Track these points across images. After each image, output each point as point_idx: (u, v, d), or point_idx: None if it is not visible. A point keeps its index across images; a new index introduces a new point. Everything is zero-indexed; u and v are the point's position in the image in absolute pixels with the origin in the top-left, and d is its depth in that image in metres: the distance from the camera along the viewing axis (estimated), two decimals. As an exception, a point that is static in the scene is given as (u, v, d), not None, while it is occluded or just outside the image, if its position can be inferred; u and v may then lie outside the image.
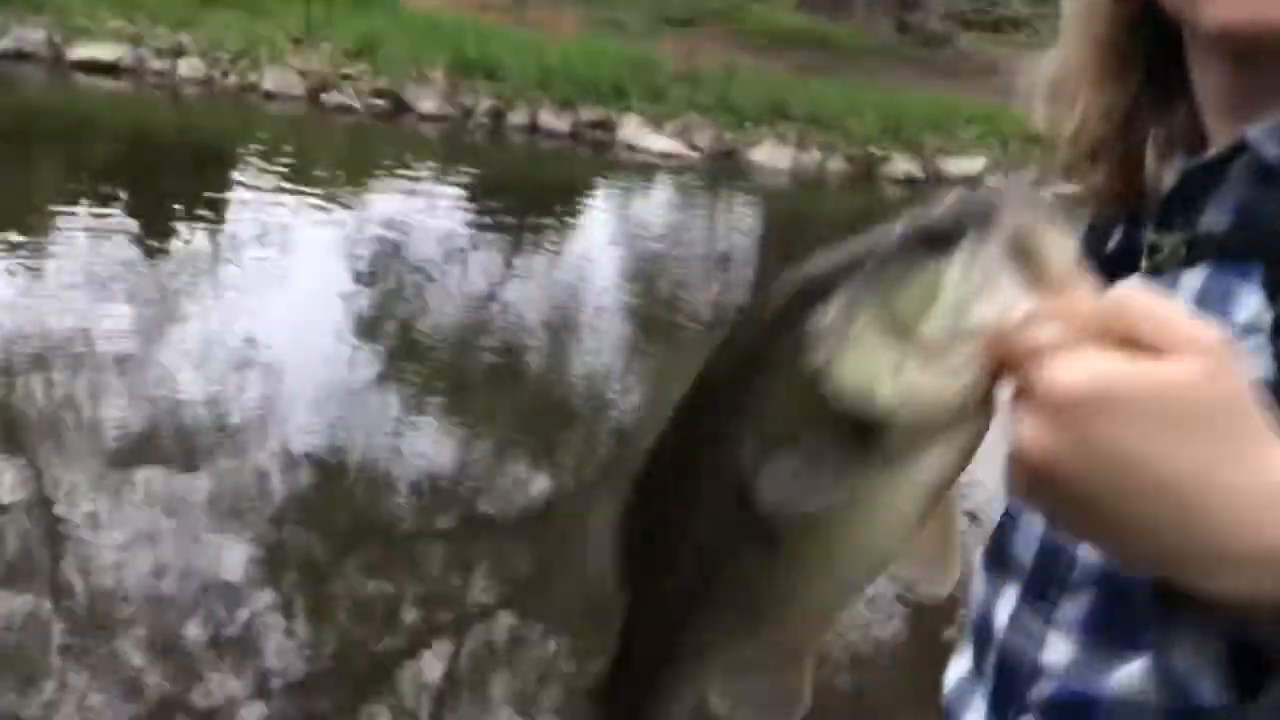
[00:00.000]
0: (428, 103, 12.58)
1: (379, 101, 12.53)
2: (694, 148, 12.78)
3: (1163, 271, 0.75)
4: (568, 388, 5.53)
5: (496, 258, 7.88)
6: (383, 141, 12.16)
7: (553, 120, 12.77)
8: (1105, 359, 0.47)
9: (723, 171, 12.59)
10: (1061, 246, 0.50)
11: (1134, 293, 0.49)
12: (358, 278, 6.76)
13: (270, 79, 12.42)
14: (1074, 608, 0.77)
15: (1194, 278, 0.73)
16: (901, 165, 13.22)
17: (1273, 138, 0.70)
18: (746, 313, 0.57)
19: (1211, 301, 0.71)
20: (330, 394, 4.81)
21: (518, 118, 12.78)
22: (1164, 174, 0.80)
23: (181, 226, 7.36)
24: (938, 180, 13.20)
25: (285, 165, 10.13)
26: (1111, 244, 0.83)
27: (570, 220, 9.98)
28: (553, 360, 5.92)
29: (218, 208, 8.15)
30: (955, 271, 0.51)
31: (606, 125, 12.90)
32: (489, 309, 6.61)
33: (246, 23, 13.54)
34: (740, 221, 11.32)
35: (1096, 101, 0.81)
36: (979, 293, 0.50)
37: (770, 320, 0.54)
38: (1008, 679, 0.82)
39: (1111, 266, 0.79)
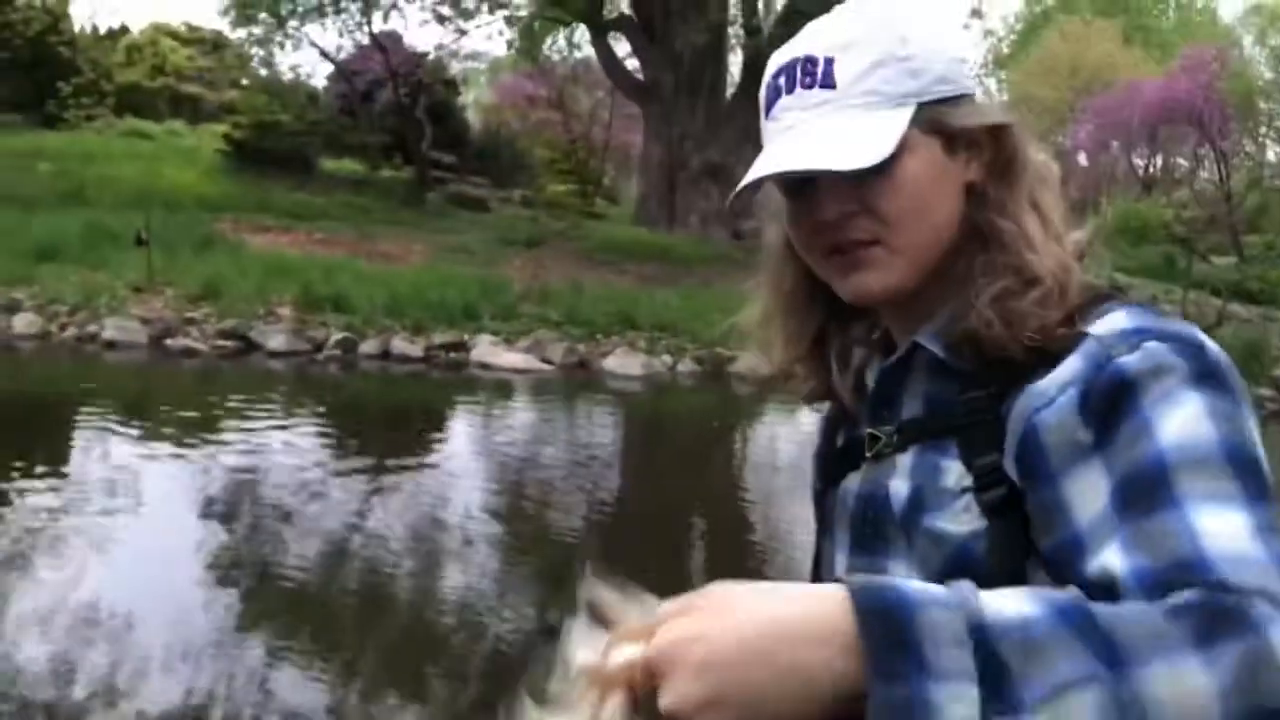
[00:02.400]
0: (276, 339, 12.54)
1: (225, 342, 12.42)
2: (546, 361, 13.01)
3: (884, 456, 0.96)
4: (436, 620, 5.35)
5: (354, 488, 7.67)
6: (230, 382, 11.94)
7: (405, 346, 12.87)
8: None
9: (577, 381, 12.80)
10: (617, 604, 0.75)
11: (659, 611, 0.73)
12: (210, 524, 6.47)
13: (110, 328, 12.24)
14: None
15: (907, 458, 0.94)
16: (749, 362, 13.69)
17: (934, 340, 0.94)
18: None
19: (924, 475, 0.92)
20: (188, 648, 4.56)
21: (369, 346, 12.83)
22: (867, 375, 1.04)
23: (18, 486, 6.99)
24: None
25: (127, 413, 9.85)
26: (839, 441, 1.06)
27: (427, 444, 9.87)
28: (419, 591, 5.73)
29: (56, 463, 7.79)
30: (564, 645, 0.76)
31: (459, 347, 13.07)
32: (350, 544, 6.39)
33: (85, 275, 13.42)
34: (598, 431, 11.41)
35: (789, 332, 1.06)
36: (576, 650, 0.75)
37: None
38: None
39: (842, 458, 1.03)
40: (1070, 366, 0.85)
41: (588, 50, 26.17)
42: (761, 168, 0.93)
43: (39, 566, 5.46)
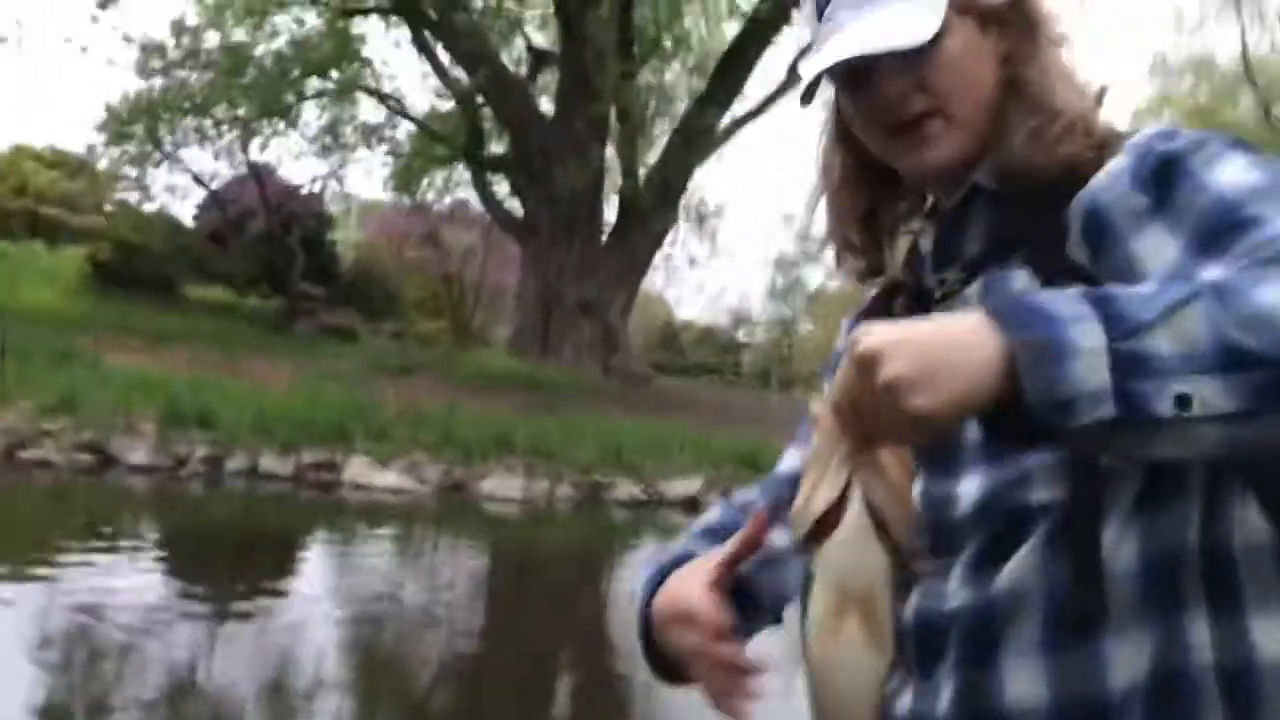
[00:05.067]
0: (137, 454, 12.02)
1: (83, 456, 11.85)
2: (423, 482, 12.77)
3: (953, 296, 1.04)
4: None
5: (203, 628, 6.94)
6: (86, 497, 11.33)
7: (274, 464, 12.48)
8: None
9: (453, 505, 12.56)
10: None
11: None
12: (45, 662, 5.94)
13: (-43, 439, 11.56)
14: (965, 554, 0.96)
15: (976, 287, 1.03)
16: (625, 489, 13.70)
17: (988, 177, 1.05)
18: None
19: (995, 291, 1.00)
20: None
21: (236, 463, 12.39)
22: (921, 242, 1.12)
23: None
24: (659, 501, 13.74)
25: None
26: (899, 304, 1.12)
27: (290, 576, 9.20)
28: None
29: None
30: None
31: (331, 466, 12.73)
32: (194, 688, 5.91)
33: (-71, 385, 12.71)
34: (471, 559, 11.09)
35: (848, 215, 1.17)
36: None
37: None
38: (925, 638, 0.97)
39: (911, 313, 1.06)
40: (1117, 162, 0.98)
41: (463, 191, 26.64)
42: (828, 57, 1.04)
43: None
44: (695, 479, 14.17)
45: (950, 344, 0.79)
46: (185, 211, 27.11)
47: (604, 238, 22.02)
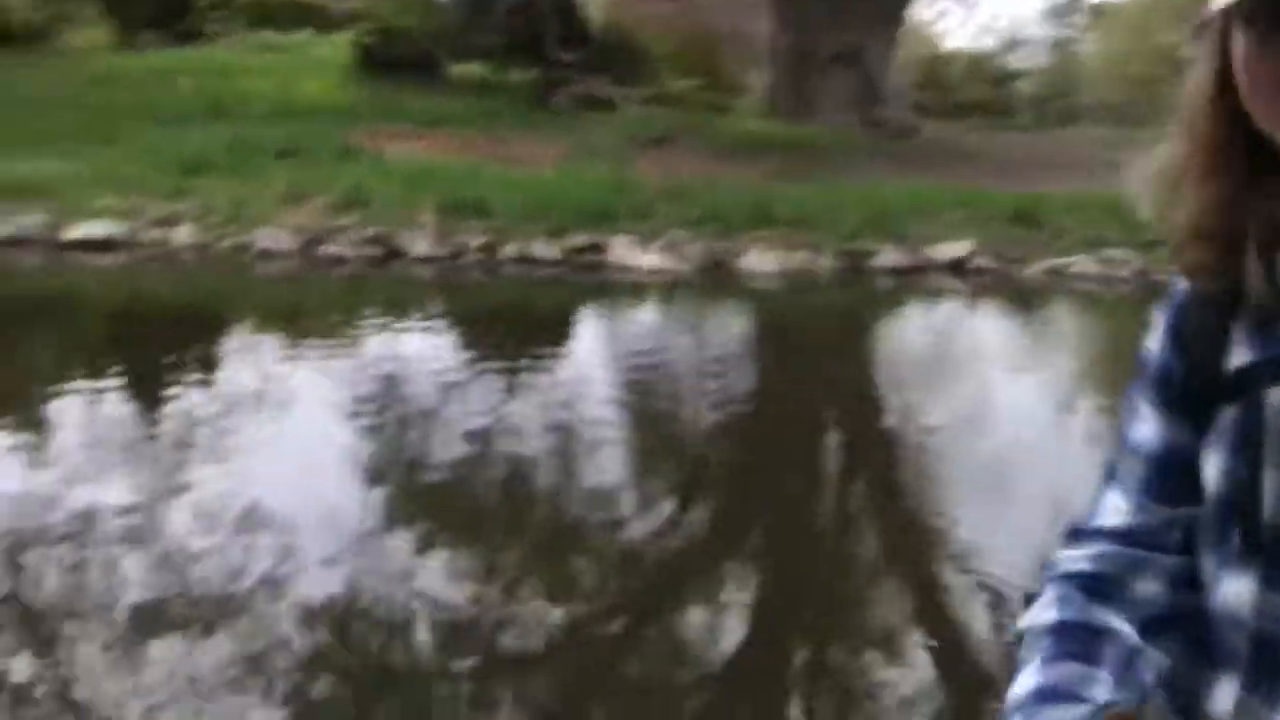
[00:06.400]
0: (420, 245, 12.78)
1: (372, 249, 12.72)
2: (683, 260, 12.97)
3: None
4: (577, 515, 5.50)
5: (495, 391, 7.75)
6: (377, 287, 12.27)
7: (544, 249, 12.98)
8: None
9: (714, 281, 12.75)
10: None
11: None
12: (359, 427, 6.72)
13: (263, 238, 12.63)
14: None
15: None
16: (889, 256, 13.41)
17: None
18: None
19: None
20: (344, 545, 4.78)
21: (510, 250, 12.98)
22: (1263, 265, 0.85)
23: (180, 393, 7.30)
24: (925, 267, 13.40)
25: (282, 320, 10.24)
26: (1242, 341, 0.87)
27: (566, 346, 9.96)
28: (559, 489, 5.88)
29: (216, 370, 8.16)
30: None
31: (597, 248, 13.11)
32: (493, 443, 6.57)
33: (236, 187, 13.83)
34: (734, 331, 11.36)
35: (1202, 193, 0.86)
36: None
37: None
38: None
39: (1250, 377, 0.85)
40: None
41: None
42: None
43: (199, 472, 5.72)
44: (964, 241, 13.66)
45: None
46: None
47: (860, -21, 20.71)
